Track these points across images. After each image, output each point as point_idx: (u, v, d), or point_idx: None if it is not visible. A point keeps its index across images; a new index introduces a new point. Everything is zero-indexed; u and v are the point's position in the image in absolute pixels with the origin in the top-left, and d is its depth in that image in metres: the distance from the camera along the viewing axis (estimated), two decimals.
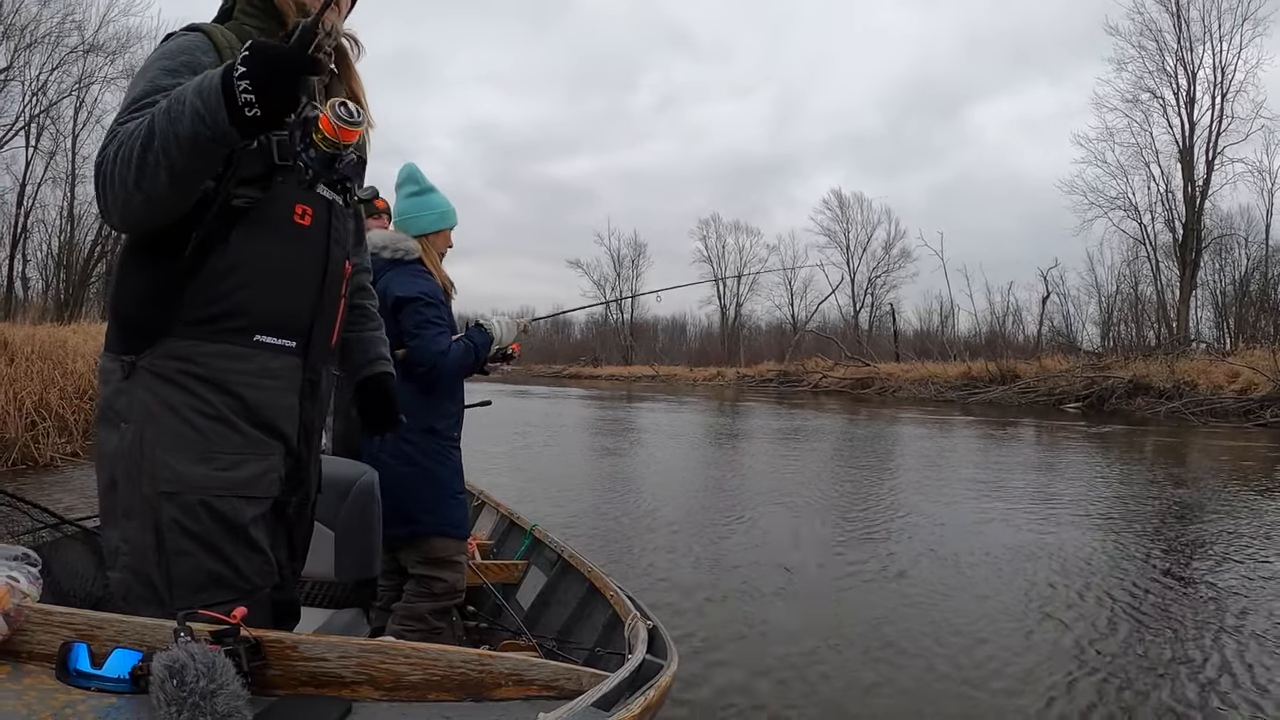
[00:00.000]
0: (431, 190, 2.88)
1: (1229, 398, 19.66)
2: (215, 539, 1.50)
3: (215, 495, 1.50)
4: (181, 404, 1.50)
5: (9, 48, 23.05)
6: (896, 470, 9.95)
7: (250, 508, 1.55)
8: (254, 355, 1.57)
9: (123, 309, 1.57)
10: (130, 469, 1.49)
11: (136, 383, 1.51)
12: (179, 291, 1.50)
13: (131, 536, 1.49)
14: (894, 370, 34.11)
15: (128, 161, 1.35)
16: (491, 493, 4.52)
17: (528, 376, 55.67)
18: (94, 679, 1.23)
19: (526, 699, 1.35)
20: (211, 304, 1.52)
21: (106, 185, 1.39)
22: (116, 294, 1.60)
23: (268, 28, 1.65)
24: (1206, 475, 9.74)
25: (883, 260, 55.49)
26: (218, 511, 1.50)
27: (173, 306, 1.52)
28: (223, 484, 1.51)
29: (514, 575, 3.51)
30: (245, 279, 1.55)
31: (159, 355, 1.51)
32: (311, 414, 1.71)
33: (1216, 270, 34.26)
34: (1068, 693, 3.20)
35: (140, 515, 1.48)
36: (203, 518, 1.49)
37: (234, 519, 1.52)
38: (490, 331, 2.89)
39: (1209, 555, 5.56)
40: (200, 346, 1.52)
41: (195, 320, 1.52)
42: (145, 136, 1.34)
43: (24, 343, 9.51)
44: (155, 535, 1.47)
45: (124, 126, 1.39)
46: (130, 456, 1.49)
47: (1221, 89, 30.31)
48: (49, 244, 27.78)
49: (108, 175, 1.39)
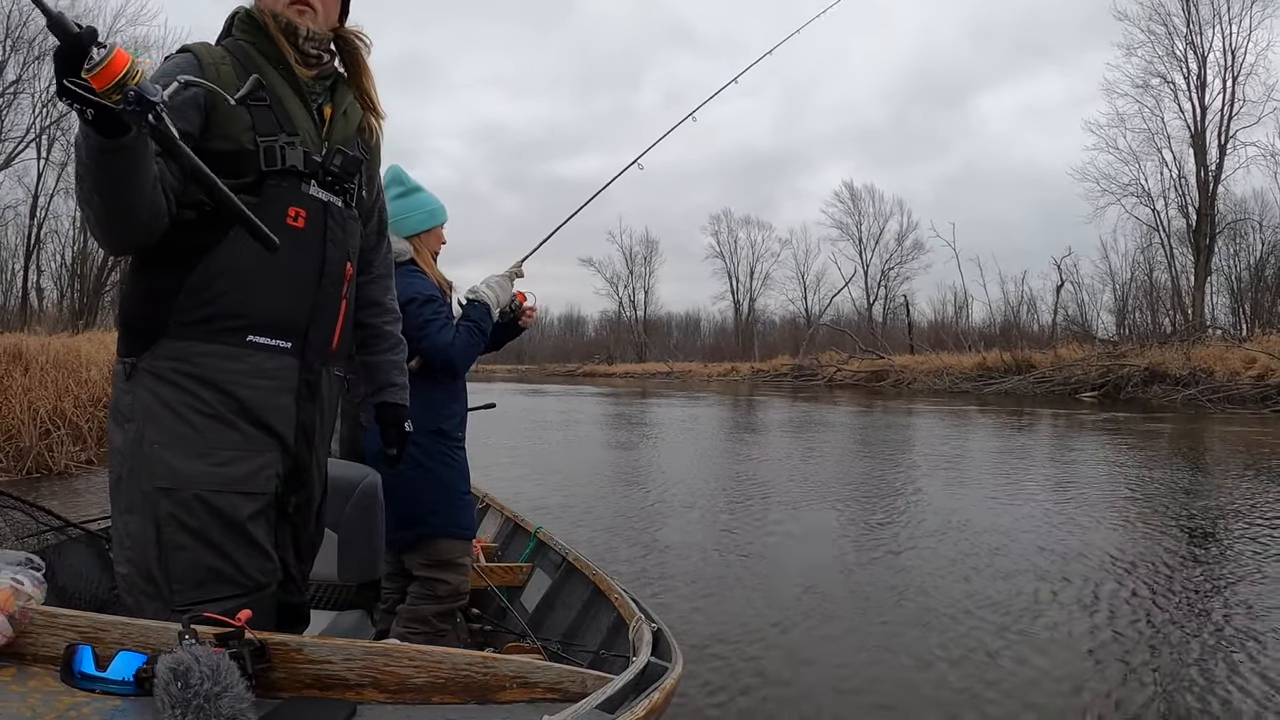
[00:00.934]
0: (418, 189, 2.88)
1: (1246, 384, 19.50)
2: (212, 534, 1.54)
3: (211, 491, 1.54)
4: (178, 402, 1.56)
5: (18, 60, 23.24)
6: (915, 465, 9.89)
7: (247, 504, 1.59)
8: (247, 355, 1.61)
9: (126, 312, 1.65)
10: (132, 465, 1.55)
11: (138, 383, 1.58)
12: (175, 294, 1.56)
13: (134, 531, 1.54)
14: (909, 362, 34.01)
15: (81, 198, 1.43)
16: (497, 495, 4.52)
17: (542, 376, 55.84)
18: (99, 681, 1.24)
19: (531, 701, 1.35)
20: (205, 305, 1.58)
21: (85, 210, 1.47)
22: (122, 298, 1.70)
23: (255, 39, 1.73)
24: (1227, 463, 9.66)
25: (896, 252, 55.44)
26: (214, 507, 1.54)
27: (170, 309, 1.57)
28: (219, 480, 1.55)
29: (519, 578, 3.51)
30: (237, 281, 1.60)
31: (157, 356, 1.58)
32: (311, 415, 1.73)
33: (1231, 255, 34.06)
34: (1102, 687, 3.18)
35: (141, 510, 1.53)
36: (199, 513, 1.53)
37: (231, 514, 1.56)
38: (484, 300, 2.88)
39: (1235, 546, 5.52)
40: (195, 347, 1.58)
41: (190, 321, 1.58)
42: (76, 166, 1.40)
43: (39, 352, 9.58)
44: (154, 530, 1.52)
45: None
46: (132, 453, 1.56)
47: (1232, 72, 30.06)
48: (62, 254, 28.00)
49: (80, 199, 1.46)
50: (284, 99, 1.70)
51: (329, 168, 1.72)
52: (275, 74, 1.71)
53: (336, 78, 1.84)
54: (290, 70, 1.73)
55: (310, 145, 1.70)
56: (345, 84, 1.85)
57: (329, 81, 1.82)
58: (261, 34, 1.73)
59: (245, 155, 1.61)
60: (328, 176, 1.72)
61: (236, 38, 1.74)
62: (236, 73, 1.64)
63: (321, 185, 1.71)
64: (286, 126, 1.67)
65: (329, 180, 1.72)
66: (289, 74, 1.73)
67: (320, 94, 1.79)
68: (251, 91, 1.54)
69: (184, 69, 1.58)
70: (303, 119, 1.72)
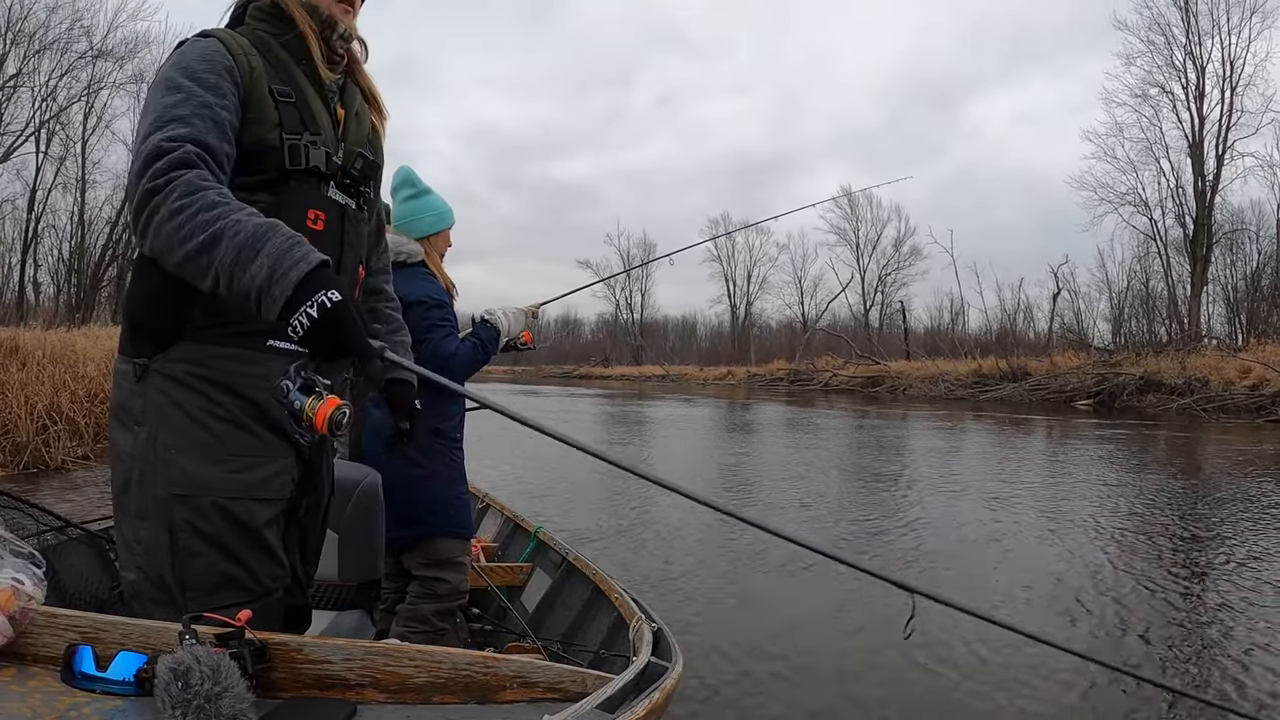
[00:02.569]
0: (428, 192, 2.89)
1: (1240, 393, 19.55)
2: (228, 541, 1.51)
3: (229, 497, 1.51)
4: (194, 406, 1.51)
5: (18, 54, 23.21)
6: (910, 470, 9.90)
7: (263, 510, 1.55)
8: (267, 360, 1.57)
9: (136, 312, 1.58)
10: (144, 470, 1.50)
11: (150, 385, 1.52)
12: (192, 295, 1.48)
13: (144, 537, 1.50)
14: (905, 368, 34.05)
15: (181, 240, 1.33)
16: (496, 495, 4.52)
17: (538, 377, 55.80)
18: (99, 681, 1.23)
19: (531, 701, 1.35)
20: (224, 309, 1.51)
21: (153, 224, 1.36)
22: (131, 297, 1.61)
23: (278, 31, 1.65)
24: (1221, 473, 9.68)
25: (893, 258, 55.43)
26: (231, 513, 1.51)
27: (185, 310, 1.52)
28: (236, 486, 1.52)
29: (519, 578, 3.51)
30: None
31: (172, 358, 1.53)
32: None
33: (1228, 265, 34.10)
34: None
35: (154, 516, 1.49)
36: (215, 519, 1.50)
37: (247, 521, 1.53)
38: (497, 324, 2.90)
39: (1233, 557, 5.52)
40: (213, 350, 1.53)
41: (208, 325, 1.53)
42: (209, 239, 1.31)
43: (35, 347, 9.57)
44: (168, 536, 1.48)
45: (193, 176, 1.36)
46: (144, 458, 1.50)
47: (1230, 83, 30.14)
48: (60, 249, 28.01)
49: (158, 221, 1.35)
50: (308, 97, 1.65)
51: (349, 170, 1.69)
52: (298, 71, 1.65)
53: (346, 78, 1.79)
54: (314, 68, 1.67)
55: (329, 146, 1.65)
56: (353, 84, 1.80)
57: (340, 82, 1.77)
58: (288, 26, 1.65)
59: (269, 152, 1.55)
60: (346, 179, 1.68)
61: (254, 27, 1.65)
62: (264, 67, 1.58)
63: (339, 188, 1.67)
64: (311, 126, 1.62)
65: (347, 184, 1.68)
66: (312, 72, 1.67)
67: (333, 95, 1.74)
68: None
69: (215, 54, 1.53)
70: (324, 119, 1.67)
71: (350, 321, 1.32)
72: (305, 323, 1.30)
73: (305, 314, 1.30)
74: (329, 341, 1.31)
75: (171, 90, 1.46)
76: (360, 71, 1.82)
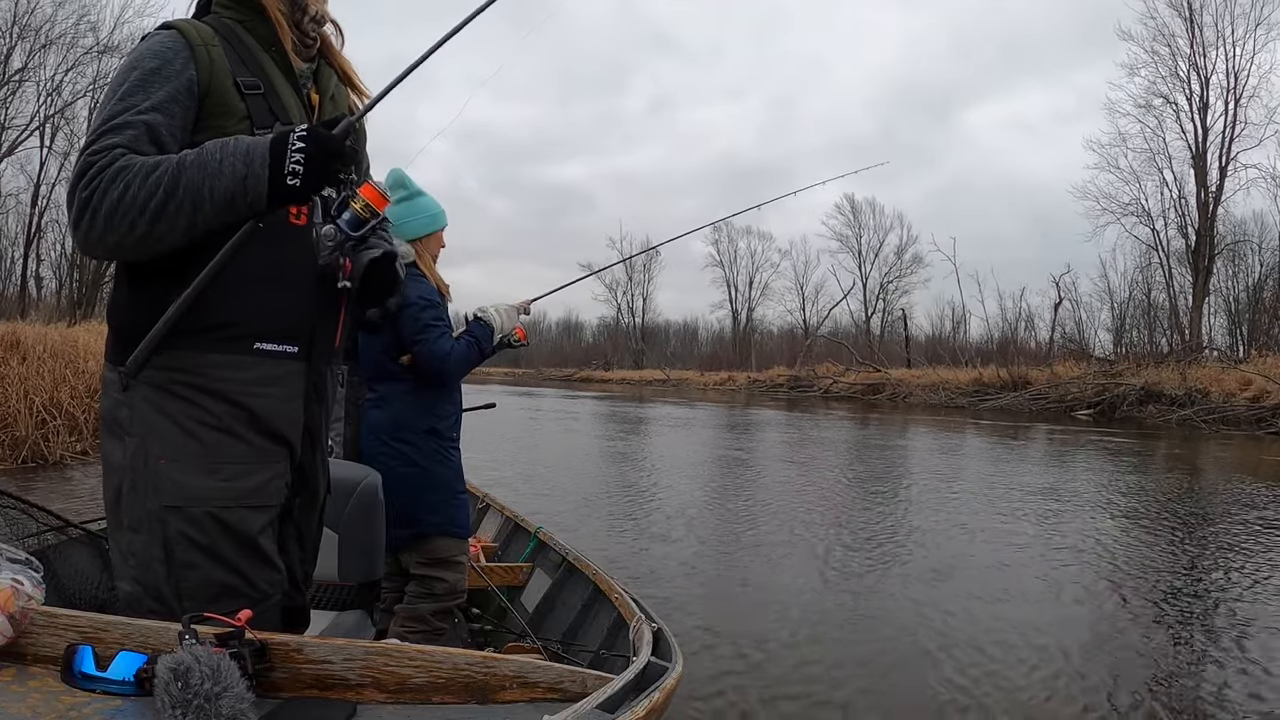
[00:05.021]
0: (420, 194, 2.90)
1: (1241, 405, 19.51)
2: (224, 551, 1.48)
3: (222, 507, 1.48)
4: (184, 415, 1.47)
5: (24, 48, 23.23)
6: (910, 479, 9.90)
7: (258, 517, 1.53)
8: (255, 364, 1.53)
9: (119, 319, 1.53)
10: (135, 482, 1.47)
11: (136, 394, 1.48)
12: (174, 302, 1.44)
13: (139, 550, 1.47)
14: (905, 376, 33.99)
15: (141, 206, 1.35)
16: (496, 495, 4.51)
17: (539, 380, 55.77)
18: (99, 681, 1.23)
19: (531, 702, 1.35)
20: (208, 313, 1.47)
21: (100, 219, 1.38)
22: (113, 303, 1.57)
23: (246, 19, 1.60)
24: (1223, 485, 9.67)
25: (895, 265, 55.42)
26: (226, 523, 1.48)
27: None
28: (230, 495, 1.49)
29: (519, 578, 3.51)
30: (241, 287, 1.50)
31: (156, 367, 1.47)
32: (317, 417, 1.69)
33: (1230, 277, 34.14)
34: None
35: (148, 529, 1.46)
36: (211, 530, 1.47)
37: (243, 530, 1.50)
38: (490, 322, 2.91)
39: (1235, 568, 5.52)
40: (199, 357, 1.49)
41: (192, 330, 1.47)
42: (169, 184, 1.34)
43: (36, 341, 9.57)
44: (163, 549, 1.46)
45: (123, 161, 1.38)
46: (134, 469, 1.47)
47: (1234, 94, 30.14)
48: (62, 244, 27.89)
49: (105, 211, 1.38)
50: (277, 86, 1.59)
51: None
52: (268, 58, 1.60)
53: (318, 62, 1.73)
54: (284, 55, 1.61)
55: None
56: (326, 66, 1.74)
57: (313, 66, 1.71)
58: (254, 12, 1.60)
59: None
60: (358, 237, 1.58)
61: (220, 14, 1.60)
62: (228, 56, 1.53)
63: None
64: (281, 117, 1.56)
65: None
66: (282, 59, 1.61)
67: (306, 80, 1.68)
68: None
69: (170, 50, 1.48)
70: (295, 108, 1.61)
71: (325, 132, 1.41)
72: (299, 158, 1.36)
73: (292, 157, 1.37)
74: (325, 162, 1.40)
75: (113, 93, 1.47)
76: (333, 51, 1.76)
